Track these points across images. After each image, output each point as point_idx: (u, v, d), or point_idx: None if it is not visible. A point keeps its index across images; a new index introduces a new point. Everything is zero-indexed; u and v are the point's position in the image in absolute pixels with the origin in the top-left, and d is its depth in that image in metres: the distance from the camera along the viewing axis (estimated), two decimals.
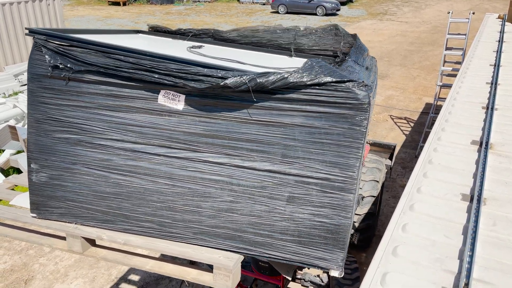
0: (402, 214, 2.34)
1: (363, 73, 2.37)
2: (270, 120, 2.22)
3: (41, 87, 2.50)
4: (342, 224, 2.26)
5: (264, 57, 3.08)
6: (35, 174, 2.63)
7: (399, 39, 21.08)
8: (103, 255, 2.63)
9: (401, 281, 1.87)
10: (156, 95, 2.34)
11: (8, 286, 5.53)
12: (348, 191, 2.22)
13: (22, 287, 5.54)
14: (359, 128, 2.13)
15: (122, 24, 23.95)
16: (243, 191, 2.35)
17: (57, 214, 2.67)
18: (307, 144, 2.21)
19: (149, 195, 2.49)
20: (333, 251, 2.31)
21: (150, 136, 2.41)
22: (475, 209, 2.32)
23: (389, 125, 10.37)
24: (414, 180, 2.68)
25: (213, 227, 2.44)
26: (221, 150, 2.33)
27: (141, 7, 32.18)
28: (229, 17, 27.60)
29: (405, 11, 30.66)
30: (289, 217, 2.32)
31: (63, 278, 5.69)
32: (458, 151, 3.07)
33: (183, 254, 2.46)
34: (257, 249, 2.41)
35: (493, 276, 1.89)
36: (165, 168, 2.43)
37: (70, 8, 31.38)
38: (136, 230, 2.57)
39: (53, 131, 2.54)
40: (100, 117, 2.46)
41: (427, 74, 14.68)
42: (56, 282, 5.62)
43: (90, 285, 5.59)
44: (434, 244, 2.11)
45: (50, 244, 2.71)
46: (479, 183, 2.59)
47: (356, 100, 2.09)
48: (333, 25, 3.01)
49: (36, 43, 2.44)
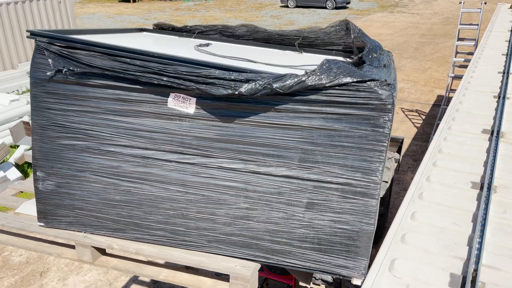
0: (411, 202, 2.31)
1: (383, 71, 2.22)
2: (287, 123, 2.09)
3: (44, 92, 2.40)
4: (364, 230, 2.14)
5: (274, 53, 2.94)
6: (41, 182, 2.54)
7: (411, 31, 20.76)
8: (114, 265, 2.53)
9: (409, 267, 1.85)
10: (166, 98, 2.23)
11: (24, 278, 5.65)
12: (371, 196, 2.09)
13: (38, 279, 5.64)
14: (382, 130, 1.99)
15: (132, 21, 23.94)
16: (259, 197, 2.23)
17: (65, 223, 2.58)
18: (327, 148, 2.08)
19: (161, 203, 2.38)
20: (356, 259, 2.19)
21: (161, 142, 2.30)
22: (486, 196, 2.28)
23: (400, 118, 10.19)
24: (424, 169, 2.64)
25: (229, 234, 2.33)
26: (236, 155, 2.21)
27: (151, 4, 32.19)
28: (238, 12, 27.46)
29: (416, 2, 30.25)
30: (308, 224, 2.20)
31: (77, 270, 5.79)
32: (468, 140, 3.02)
33: (198, 263, 2.35)
34: (275, 257, 2.30)
35: (502, 262, 1.87)
36: (177, 175, 2.32)
37: (81, 5, 31.53)
38: (148, 238, 2.47)
39: (58, 137, 2.44)
40: (108, 122, 2.35)
41: (439, 66, 14.42)
42: (71, 273, 5.72)
43: (104, 276, 5.66)
44: (443, 231, 2.08)
45: (59, 253, 2.63)
46: (489, 171, 2.54)
47: (379, 100, 1.96)
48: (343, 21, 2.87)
49: (38, 46, 2.33)
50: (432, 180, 2.52)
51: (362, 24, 22.67)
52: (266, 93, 1.99)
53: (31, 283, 5.53)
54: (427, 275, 1.80)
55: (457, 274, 1.79)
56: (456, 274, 1.80)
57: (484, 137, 3.04)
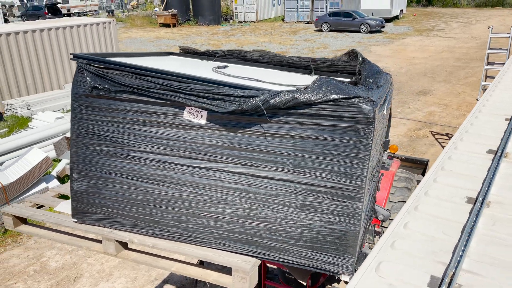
0: (406, 213, 2.43)
1: (373, 90, 2.51)
2: (283, 133, 2.40)
3: (82, 105, 2.81)
4: (351, 231, 2.39)
5: (285, 76, 3.28)
6: (76, 183, 2.94)
7: (446, 55, 20.67)
8: (133, 257, 2.87)
9: (394, 269, 1.97)
10: (182, 111, 2.59)
11: (59, 282, 6.09)
12: (356, 199, 2.35)
13: (71, 283, 6.07)
14: (365, 140, 2.27)
15: (171, 45, 24.97)
16: (259, 198, 2.53)
17: (94, 219, 2.96)
18: (317, 155, 2.36)
19: (175, 202, 2.72)
20: (343, 257, 2.43)
21: (177, 148, 2.65)
22: (477, 209, 2.38)
23: (429, 141, 10.22)
24: (424, 184, 2.75)
25: (233, 232, 2.63)
26: (239, 160, 2.53)
27: (190, 28, 33.41)
28: (273, 36, 28.10)
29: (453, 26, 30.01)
30: (302, 223, 2.47)
31: (107, 277, 6.17)
32: (472, 159, 3.08)
33: (206, 257, 2.65)
34: (273, 254, 2.57)
35: (483, 268, 1.96)
36: (189, 177, 2.66)
37: (125, 30, 33.11)
38: (164, 234, 2.80)
39: (91, 144, 2.84)
40: (133, 131, 2.73)
41: (472, 90, 14.30)
42: (102, 280, 6.11)
43: (131, 284, 6.02)
44: (432, 239, 2.19)
45: (88, 246, 2.99)
46: (486, 186, 2.63)
47: (362, 114, 2.24)
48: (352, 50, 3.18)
49: (79, 67, 2.76)
50: (430, 194, 2.63)
51: (396, 47, 22.76)
52: (264, 107, 2.32)
53: (65, 287, 5.95)
54: (410, 276, 1.92)
55: (437, 277, 1.91)
56: (436, 276, 1.90)
57: (489, 157, 3.10)
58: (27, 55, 12.74)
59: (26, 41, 12.64)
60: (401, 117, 11.94)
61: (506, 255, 2.07)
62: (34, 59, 12.95)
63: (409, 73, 17.10)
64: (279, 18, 37.43)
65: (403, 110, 12.62)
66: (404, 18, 34.68)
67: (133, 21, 37.41)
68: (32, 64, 12.92)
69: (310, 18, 34.01)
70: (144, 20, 37.53)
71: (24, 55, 12.66)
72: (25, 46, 12.66)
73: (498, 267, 1.98)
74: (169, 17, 34.08)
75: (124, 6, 50.81)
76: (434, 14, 37.43)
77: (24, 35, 12.58)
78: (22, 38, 12.55)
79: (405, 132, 10.89)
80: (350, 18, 28.47)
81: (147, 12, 42.01)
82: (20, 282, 6.06)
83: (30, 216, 3.19)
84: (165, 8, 35.54)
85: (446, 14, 36.83)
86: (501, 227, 2.29)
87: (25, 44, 12.65)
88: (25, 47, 12.65)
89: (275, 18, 37.84)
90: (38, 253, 6.71)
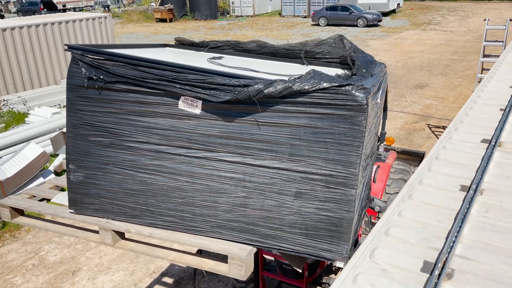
0: (401, 202, 2.46)
1: (367, 78, 2.53)
2: (278, 121, 2.42)
3: (77, 96, 2.82)
4: (345, 217, 2.41)
5: (279, 65, 3.29)
6: (72, 174, 2.95)
7: (443, 48, 20.69)
8: (130, 247, 2.89)
9: (388, 255, 2.01)
10: (177, 101, 2.60)
11: (58, 276, 6.14)
12: (350, 186, 2.37)
13: (70, 277, 6.11)
14: (358, 128, 2.29)
15: (168, 39, 24.92)
16: (254, 187, 2.55)
17: (91, 210, 2.97)
18: (312, 143, 2.38)
19: (171, 192, 2.74)
20: (338, 243, 2.46)
21: (172, 138, 2.67)
22: (470, 196, 2.41)
23: (426, 134, 10.27)
24: (418, 174, 2.78)
25: (229, 221, 2.65)
26: (235, 149, 2.54)
27: (186, 23, 33.33)
28: (270, 30, 28.07)
29: (450, 20, 30.02)
30: (297, 211, 2.49)
31: (106, 270, 6.22)
32: (467, 148, 3.11)
33: (202, 246, 2.68)
34: (268, 241, 2.60)
35: (475, 254, 2.00)
36: (185, 167, 2.67)
37: (121, 25, 33.02)
38: (160, 224, 2.82)
39: (88, 135, 2.86)
40: (128, 121, 2.74)
41: (469, 83, 14.33)
42: (100, 274, 6.15)
43: (130, 277, 6.06)
44: (425, 226, 2.22)
45: (85, 237, 3.01)
46: (480, 174, 2.65)
47: (355, 101, 2.25)
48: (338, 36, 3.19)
49: (74, 57, 2.77)
50: (424, 183, 2.66)
51: (393, 41, 22.76)
52: (259, 97, 2.34)
53: (63, 280, 5.99)
54: (403, 262, 1.96)
55: (430, 262, 1.95)
56: (429, 261, 1.94)
57: (483, 146, 3.12)
58: (23, 51, 12.71)
59: (22, 36, 12.61)
60: (398, 110, 11.97)
61: (498, 240, 2.10)
62: (30, 55, 12.93)
63: (406, 67, 17.12)
64: (276, 12, 37.36)
65: (400, 103, 12.65)
66: (401, 12, 34.67)
67: (129, 16, 37.29)
68: (28, 59, 12.89)
69: (307, 12, 33.97)
70: (140, 15, 37.40)
71: (20, 50, 12.63)
72: (21, 41, 12.63)
73: (491, 253, 2.01)
74: (166, 12, 33.98)
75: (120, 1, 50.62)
76: (431, 7, 37.42)
77: (20, 31, 12.54)
78: (18, 33, 12.51)
79: (402, 125, 10.93)
80: (347, 12, 28.46)
81: (143, 7, 41.87)
82: (19, 276, 6.09)
83: (27, 207, 3.21)
84: (161, 3, 35.42)
85: (443, 8, 36.83)
86: (494, 213, 2.32)
87: (21, 39, 12.62)
88: (21, 42, 12.62)
89: (272, 13, 37.76)
90: (36, 247, 6.73)
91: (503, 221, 2.25)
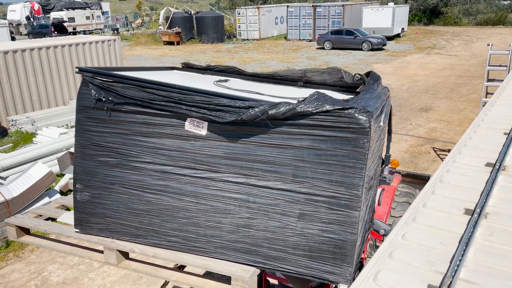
0: (404, 224, 2.45)
1: (370, 101, 2.57)
2: (282, 143, 2.46)
3: (87, 117, 2.88)
4: (348, 239, 2.42)
5: (281, 88, 3.35)
6: (79, 193, 2.99)
7: (447, 72, 20.81)
8: (134, 267, 2.90)
9: (392, 278, 2.00)
10: (183, 122, 2.65)
11: None
12: (353, 208, 2.39)
13: None
14: (361, 150, 2.32)
15: (175, 62, 25.26)
16: (258, 208, 2.57)
17: (96, 229, 3.00)
18: (315, 165, 2.41)
19: (176, 212, 2.77)
20: (341, 266, 2.46)
21: (178, 159, 2.71)
22: (474, 220, 2.40)
23: (431, 157, 10.25)
24: (422, 196, 2.77)
25: (232, 241, 2.66)
26: (239, 170, 2.58)
27: (193, 46, 33.81)
28: (275, 53, 28.39)
29: (454, 44, 30.26)
30: (300, 232, 2.51)
31: None
32: (471, 172, 3.10)
33: (206, 266, 2.68)
34: (272, 263, 2.60)
35: (479, 278, 1.98)
36: (190, 187, 2.71)
37: (129, 48, 33.53)
38: (165, 244, 2.84)
39: (95, 155, 2.91)
40: (135, 142, 2.79)
41: (474, 107, 14.36)
42: None
43: None
44: (429, 249, 2.21)
45: (89, 256, 3.03)
46: (484, 197, 2.65)
47: (358, 124, 2.29)
48: (335, 68, 3.28)
49: (84, 80, 2.84)
50: (428, 206, 2.65)
51: (398, 65, 22.94)
52: (263, 118, 2.38)
53: None
54: (407, 285, 1.93)
55: (434, 285, 1.93)
56: (433, 285, 1.93)
57: (487, 170, 3.11)
58: (33, 72, 12.93)
59: (32, 58, 12.85)
60: (403, 133, 11.99)
61: (503, 264, 2.09)
62: (39, 76, 13.14)
63: (410, 90, 17.21)
64: (282, 36, 37.83)
65: (404, 126, 12.68)
66: (405, 36, 35.00)
67: (137, 39, 37.89)
68: (37, 80, 13.10)
69: (312, 36, 34.37)
70: (148, 38, 38.02)
71: (30, 72, 12.85)
72: (31, 63, 12.86)
73: (495, 277, 2.00)
74: (173, 35, 34.52)
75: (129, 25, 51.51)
76: (435, 32, 37.80)
77: (30, 52, 12.78)
78: (29, 55, 12.75)
79: (407, 148, 10.93)
80: (352, 36, 28.77)
81: (151, 30, 42.55)
82: None
83: (33, 226, 3.23)
84: (169, 26, 36.03)
85: (448, 33, 37.18)
86: (498, 237, 2.31)
87: (31, 61, 12.85)
88: (31, 64, 12.85)
89: (277, 36, 38.25)
90: (40, 267, 6.72)
91: (508, 245, 2.24)
